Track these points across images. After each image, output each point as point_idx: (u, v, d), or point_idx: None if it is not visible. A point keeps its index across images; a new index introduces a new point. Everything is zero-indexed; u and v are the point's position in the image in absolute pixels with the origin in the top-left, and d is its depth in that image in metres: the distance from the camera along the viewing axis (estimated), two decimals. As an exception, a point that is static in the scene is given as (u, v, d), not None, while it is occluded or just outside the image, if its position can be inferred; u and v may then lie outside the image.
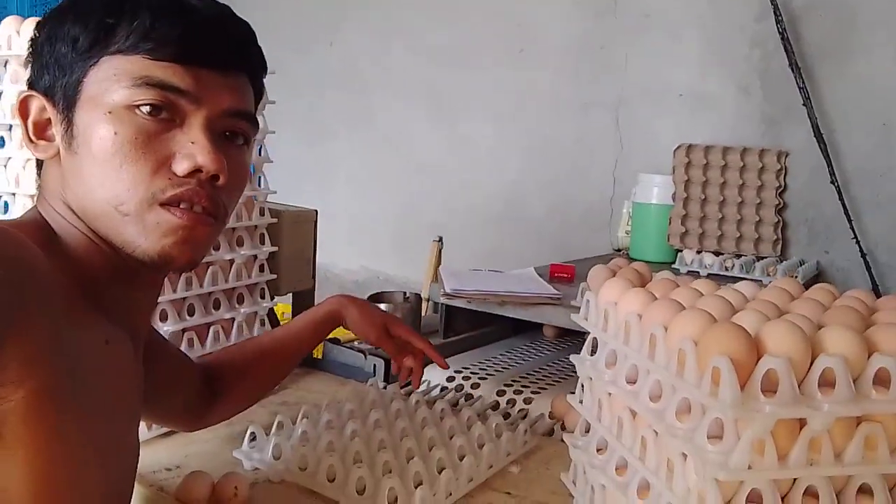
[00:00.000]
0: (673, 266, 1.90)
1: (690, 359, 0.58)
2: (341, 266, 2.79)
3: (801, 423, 0.55)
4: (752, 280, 1.25)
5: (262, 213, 1.17)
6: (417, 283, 2.57)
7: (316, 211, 1.33)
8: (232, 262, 1.11)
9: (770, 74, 1.94)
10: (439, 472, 0.87)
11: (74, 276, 0.56)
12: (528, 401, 1.19)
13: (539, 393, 1.23)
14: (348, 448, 0.92)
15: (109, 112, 0.55)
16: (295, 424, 0.99)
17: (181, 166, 0.56)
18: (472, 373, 1.32)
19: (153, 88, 0.55)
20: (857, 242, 1.78)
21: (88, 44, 0.56)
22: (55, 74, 0.57)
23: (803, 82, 1.83)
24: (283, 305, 1.54)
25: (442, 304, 1.42)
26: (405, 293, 1.45)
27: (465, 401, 1.21)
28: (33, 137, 0.58)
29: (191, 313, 1.07)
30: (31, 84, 0.58)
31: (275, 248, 1.18)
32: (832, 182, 1.82)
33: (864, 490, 0.57)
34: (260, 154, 1.16)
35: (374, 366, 1.27)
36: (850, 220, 1.81)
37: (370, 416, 1.03)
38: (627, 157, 2.20)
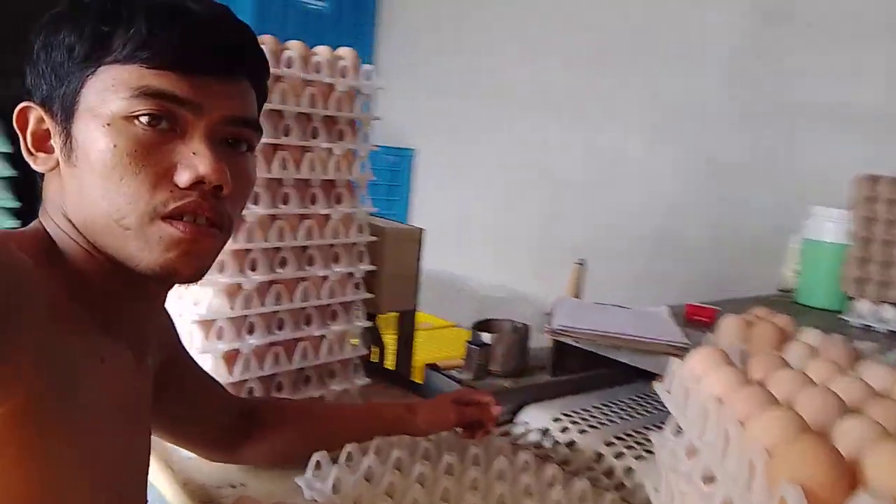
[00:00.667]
0: (842, 317, 1.63)
1: (759, 477, 0.45)
2: (479, 280, 2.74)
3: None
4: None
5: (360, 231, 1.14)
6: (556, 306, 2.45)
7: (421, 229, 1.28)
8: (325, 278, 1.09)
9: None
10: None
11: (72, 290, 0.55)
12: (633, 462, 1.05)
13: (644, 458, 1.08)
14: (408, 494, 0.86)
15: (108, 124, 0.53)
16: (364, 456, 0.95)
17: (183, 178, 0.54)
18: (580, 418, 1.20)
19: (151, 98, 0.54)
20: None
21: (84, 53, 0.54)
22: (52, 84, 0.56)
23: None
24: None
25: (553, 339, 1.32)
26: (514, 322, 1.36)
27: (569, 447, 1.10)
28: (32, 149, 0.57)
29: (280, 327, 1.06)
30: (29, 93, 0.58)
31: (373, 267, 1.15)
32: None
33: None
34: (362, 171, 1.13)
35: (469, 399, 1.19)
36: None
37: (443, 459, 0.95)
38: (799, 185, 1.93)
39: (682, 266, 2.14)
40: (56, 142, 0.56)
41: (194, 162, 0.54)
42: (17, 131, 0.57)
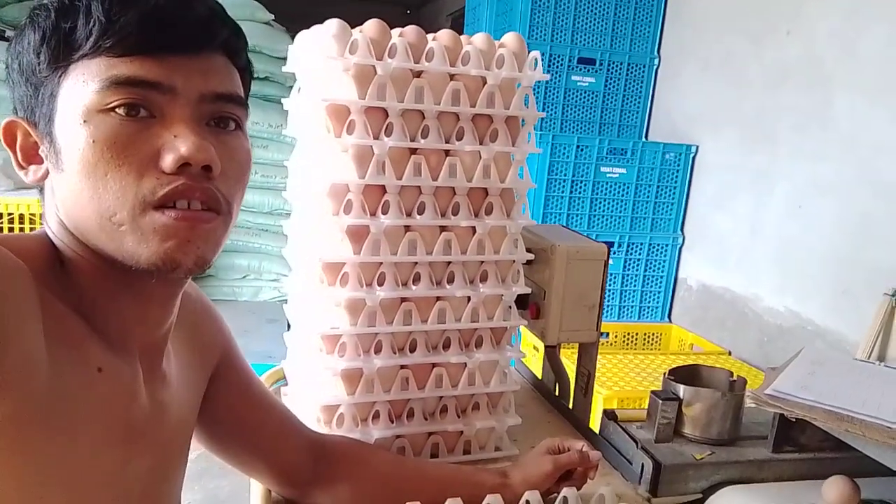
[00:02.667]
0: None
1: None
2: (764, 303, 2.29)
3: None
4: None
5: (515, 245, 0.97)
6: (856, 346, 1.94)
7: (608, 246, 1.05)
8: (469, 299, 0.95)
9: None
10: None
11: (70, 299, 0.54)
12: None
13: None
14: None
15: (84, 121, 0.51)
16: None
17: (167, 161, 0.52)
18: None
19: (123, 87, 0.51)
20: None
21: (51, 54, 0.52)
22: (30, 93, 0.54)
23: None
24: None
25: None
26: (732, 375, 1.05)
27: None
28: (23, 163, 0.56)
29: (412, 349, 0.95)
30: (14, 109, 0.56)
31: (527, 290, 0.97)
32: None
33: None
34: (521, 177, 0.96)
35: (643, 465, 0.95)
36: None
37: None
38: None
39: None
40: (43, 150, 0.55)
41: (176, 144, 0.52)
42: (7, 148, 0.56)
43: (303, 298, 1.00)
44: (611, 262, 1.18)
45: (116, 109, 0.51)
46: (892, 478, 0.93)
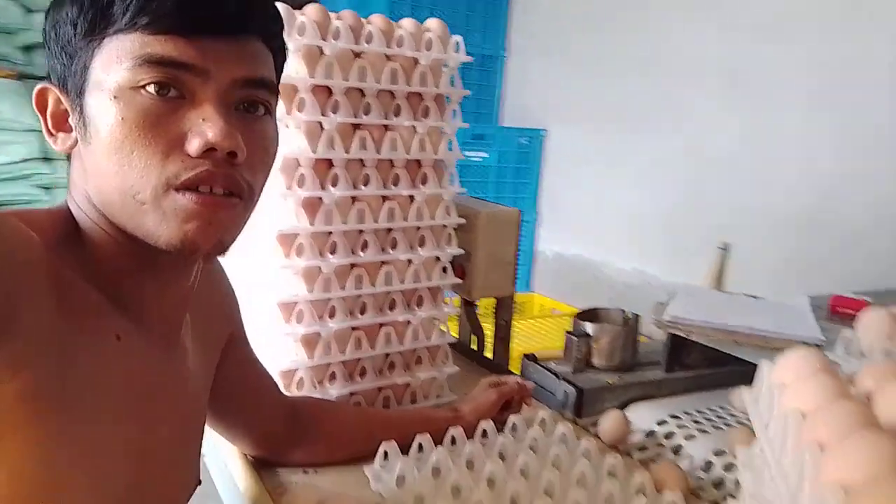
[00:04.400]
0: None
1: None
2: (615, 266, 2.58)
3: None
4: None
5: (448, 212, 1.08)
6: (693, 295, 2.26)
7: (519, 211, 1.20)
8: (410, 262, 1.05)
9: None
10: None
11: (88, 270, 0.54)
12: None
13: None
14: (473, 494, 0.80)
15: (115, 97, 0.51)
16: (434, 450, 0.89)
17: (193, 146, 0.52)
18: (692, 421, 1.08)
19: (155, 66, 0.51)
20: None
21: (88, 26, 0.52)
22: (64, 63, 0.54)
23: None
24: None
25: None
26: (624, 312, 1.24)
27: (675, 454, 0.99)
28: (52, 130, 0.56)
29: (362, 311, 1.03)
30: (48, 75, 0.57)
31: (460, 251, 1.09)
32: None
33: None
34: (450, 149, 1.07)
35: (565, 392, 1.10)
36: None
37: (519, 458, 0.88)
38: None
39: (839, 251, 1.88)
40: (73, 120, 0.55)
41: (203, 128, 0.52)
42: (38, 113, 0.57)
43: (257, 269, 1.03)
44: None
45: (147, 87, 0.51)
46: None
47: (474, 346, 1.34)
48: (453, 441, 0.92)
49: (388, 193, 1.02)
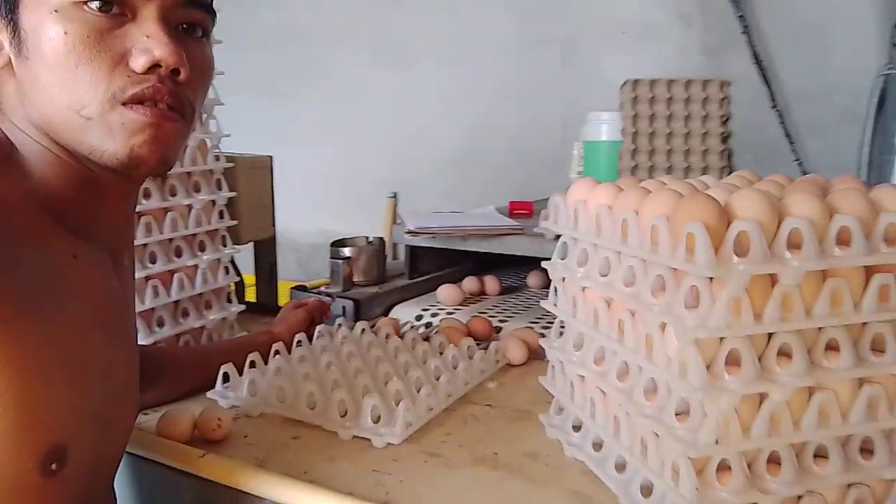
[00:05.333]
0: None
1: (663, 232, 0.59)
2: (297, 230, 2.75)
3: (773, 283, 0.57)
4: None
5: (217, 158, 1.14)
6: (375, 241, 2.56)
7: (271, 157, 1.30)
8: (190, 207, 1.09)
9: (709, 4, 1.97)
10: (417, 391, 0.88)
11: (37, 193, 0.54)
12: (497, 329, 1.21)
13: (507, 321, 1.25)
14: (325, 377, 0.93)
15: (55, 11, 0.52)
16: (267, 364, 0.98)
17: (138, 62, 0.53)
18: (439, 309, 1.34)
19: None
20: (800, 164, 1.85)
21: None
22: None
23: (742, 10, 1.87)
24: (247, 277, 1.51)
25: (406, 246, 1.43)
26: (368, 237, 1.45)
27: (435, 333, 1.23)
28: None
29: (153, 261, 1.04)
30: None
31: (233, 194, 1.16)
32: (773, 107, 1.87)
33: (832, 346, 0.60)
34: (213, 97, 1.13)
35: (344, 307, 1.26)
36: (791, 144, 1.87)
37: (342, 348, 1.03)
38: (577, 96, 2.22)
39: (484, 182, 2.36)
40: (3, 36, 0.53)
41: (149, 45, 0.53)
42: None
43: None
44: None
45: (89, 4, 0.52)
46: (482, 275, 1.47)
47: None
48: (276, 353, 1.03)
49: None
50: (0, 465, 0.49)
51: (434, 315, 1.32)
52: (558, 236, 0.82)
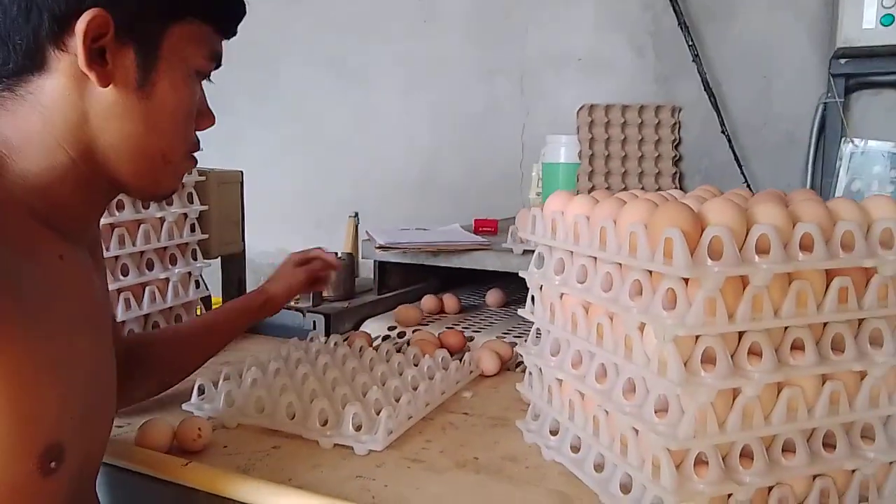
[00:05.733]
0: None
1: (642, 237, 0.63)
2: (257, 250, 2.72)
3: (744, 285, 0.61)
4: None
5: (189, 172, 1.14)
6: (335, 261, 2.56)
7: (241, 172, 1.31)
8: (163, 220, 1.09)
9: (661, 35, 2.06)
10: (396, 400, 0.90)
11: (26, 195, 0.55)
12: (469, 338, 1.23)
13: (479, 332, 1.27)
14: (303, 388, 0.93)
15: (189, 75, 0.61)
16: (242, 377, 0.98)
17: (203, 123, 0.66)
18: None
19: (215, 62, 0.64)
20: (748, 186, 1.93)
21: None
22: (138, 9, 0.56)
23: (692, 40, 1.96)
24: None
25: (375, 262, 1.44)
26: (337, 253, 1.45)
27: (408, 346, 1.24)
28: (91, 61, 0.54)
29: (125, 273, 1.03)
30: (101, 5, 0.54)
31: (205, 207, 1.16)
32: (723, 132, 1.96)
33: (797, 346, 0.64)
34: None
35: (314, 322, 1.27)
36: (740, 167, 1.96)
37: (318, 360, 1.04)
38: (534, 122, 2.28)
39: (443, 205, 2.38)
40: (120, 63, 0.56)
41: (208, 109, 0.66)
42: (80, 34, 0.53)
43: None
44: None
45: (204, 76, 0.64)
46: (449, 293, 1.49)
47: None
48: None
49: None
50: (0, 465, 0.49)
51: (406, 327, 1.33)
52: (529, 251, 0.85)
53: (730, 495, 0.62)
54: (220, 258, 1.33)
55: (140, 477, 0.77)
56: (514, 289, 1.56)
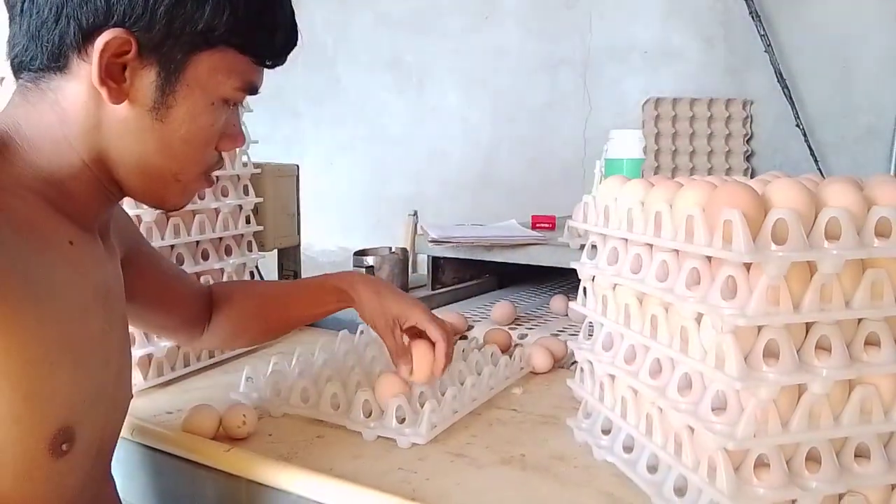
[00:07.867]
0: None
1: (699, 221, 0.59)
2: (317, 248, 2.76)
3: (812, 273, 0.56)
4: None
5: (245, 164, 1.15)
6: (395, 259, 2.56)
7: (297, 166, 1.31)
8: (218, 211, 1.10)
9: (732, 24, 1.98)
10: (442, 394, 0.87)
11: (37, 182, 0.55)
12: (522, 336, 1.20)
13: (532, 329, 1.24)
14: (349, 379, 0.92)
15: (212, 104, 0.58)
16: (290, 367, 0.98)
17: (226, 145, 0.62)
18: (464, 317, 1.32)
19: (249, 93, 0.61)
20: (825, 182, 1.84)
21: (208, 25, 0.55)
22: (166, 33, 0.54)
23: (764, 30, 1.87)
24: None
25: (428, 256, 1.42)
26: (391, 247, 1.45)
27: (460, 339, 1.22)
28: (105, 77, 0.54)
29: (180, 262, 1.05)
30: (126, 25, 0.53)
31: (260, 199, 1.17)
32: (797, 126, 1.86)
33: (871, 341, 0.59)
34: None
35: (366, 316, 1.26)
36: (816, 162, 1.86)
37: (366, 352, 1.02)
38: (597, 116, 2.22)
39: (503, 202, 2.35)
40: (140, 83, 0.55)
41: (235, 133, 0.62)
42: (97, 52, 0.53)
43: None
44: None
45: (233, 105, 0.60)
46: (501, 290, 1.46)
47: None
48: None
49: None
50: (13, 447, 0.49)
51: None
52: (583, 246, 0.82)
53: (793, 502, 0.57)
54: (276, 251, 1.34)
55: (184, 462, 0.78)
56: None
